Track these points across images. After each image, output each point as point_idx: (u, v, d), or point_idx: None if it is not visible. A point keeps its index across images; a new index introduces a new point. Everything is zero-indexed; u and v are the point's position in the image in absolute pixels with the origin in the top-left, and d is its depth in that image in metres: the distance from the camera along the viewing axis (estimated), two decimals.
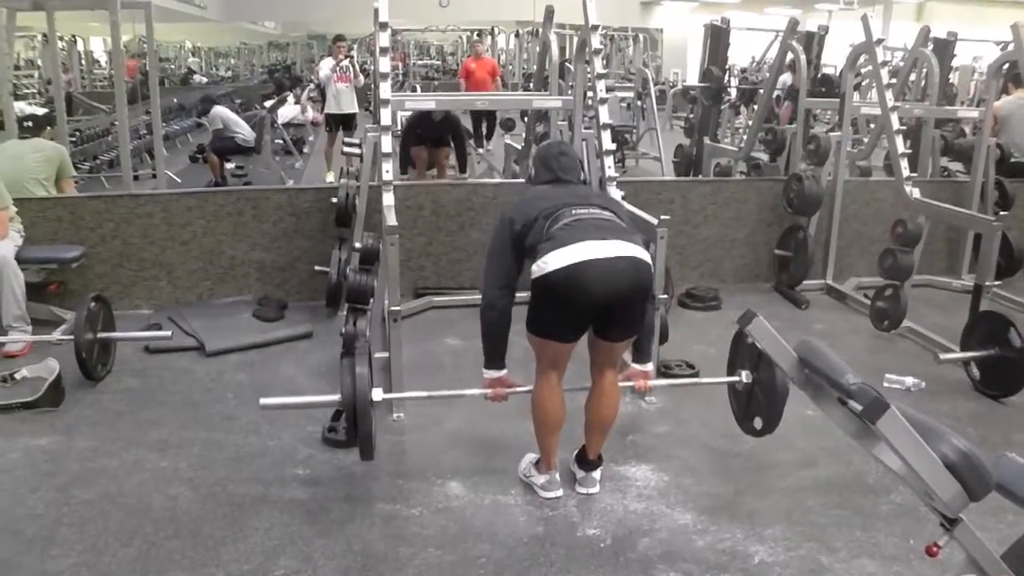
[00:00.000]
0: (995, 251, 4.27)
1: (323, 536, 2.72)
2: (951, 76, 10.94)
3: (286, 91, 12.88)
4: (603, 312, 2.72)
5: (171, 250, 4.91)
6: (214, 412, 3.65)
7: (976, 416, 3.74)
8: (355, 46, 17.67)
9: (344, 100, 9.16)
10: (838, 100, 5.63)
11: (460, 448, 3.34)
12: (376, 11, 4.20)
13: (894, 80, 5.57)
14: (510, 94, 11.78)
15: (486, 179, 7.81)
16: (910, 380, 4.02)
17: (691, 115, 9.45)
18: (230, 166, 9.35)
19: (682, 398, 3.80)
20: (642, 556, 2.65)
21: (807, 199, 5.30)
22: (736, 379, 3.18)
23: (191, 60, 26.37)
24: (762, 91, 7.49)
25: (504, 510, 2.89)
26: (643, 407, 3.73)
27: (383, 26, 4.18)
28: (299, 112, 11.65)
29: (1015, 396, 3.82)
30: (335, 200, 4.78)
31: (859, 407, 1.74)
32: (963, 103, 11.51)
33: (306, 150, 11.25)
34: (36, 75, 16.82)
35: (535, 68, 7.31)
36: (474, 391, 3.03)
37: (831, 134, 5.58)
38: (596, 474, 3.01)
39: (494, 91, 10.89)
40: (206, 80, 22.19)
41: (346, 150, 5.09)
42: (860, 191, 5.80)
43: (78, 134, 9.37)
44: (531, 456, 3.07)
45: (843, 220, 5.57)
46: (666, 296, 3.86)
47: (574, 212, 2.74)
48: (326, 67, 9.34)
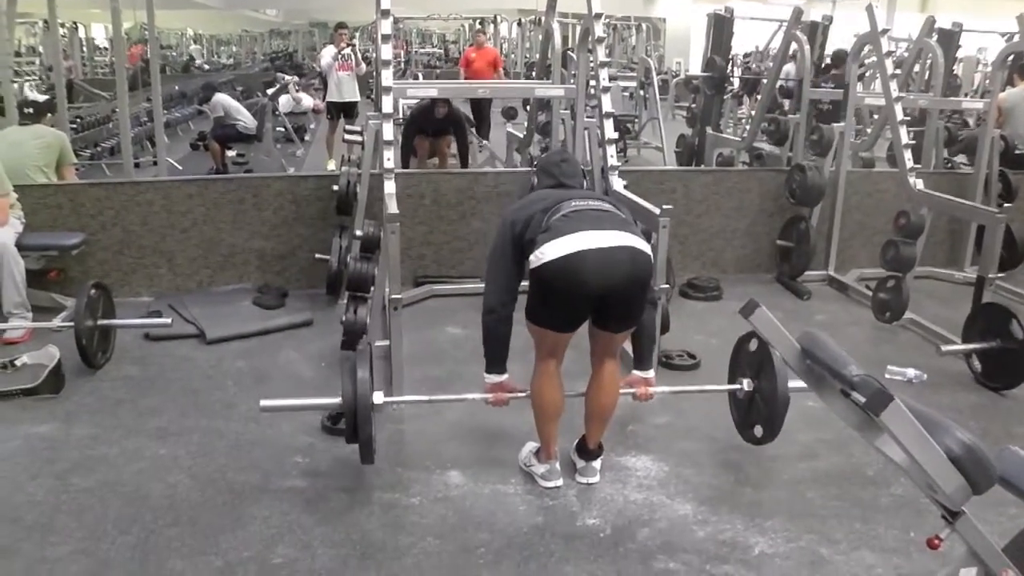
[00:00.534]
0: (998, 243, 4.25)
1: (322, 524, 2.72)
2: (955, 67, 10.89)
3: (285, 79, 12.83)
4: (601, 303, 2.71)
5: (171, 237, 4.89)
6: (214, 400, 3.65)
7: (977, 408, 3.73)
8: (357, 34, 17.62)
9: (346, 88, 9.14)
10: (839, 90, 5.60)
11: (460, 437, 3.33)
12: None
13: (898, 71, 5.53)
14: (512, 82, 11.75)
15: (488, 168, 7.78)
16: (912, 372, 4.01)
17: (693, 105, 9.42)
18: (231, 154, 9.34)
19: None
20: (642, 546, 2.64)
21: (810, 190, 5.28)
22: (737, 387, 3.18)
23: (193, 47, 26.28)
24: (765, 81, 7.45)
25: (504, 499, 2.88)
26: None
27: (385, 13, 4.16)
28: (293, 104, 11.58)
29: (1016, 388, 3.81)
30: (336, 188, 4.77)
31: (863, 399, 1.73)
32: (967, 94, 11.45)
33: (307, 138, 11.22)
34: (37, 62, 16.76)
35: (537, 57, 7.28)
36: (475, 395, 3.04)
37: (834, 125, 5.56)
38: (596, 464, 3.01)
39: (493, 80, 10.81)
40: (208, 68, 22.12)
41: (347, 138, 5.07)
42: (863, 182, 5.78)
43: (79, 121, 9.35)
44: (531, 445, 3.06)
45: (845, 211, 5.55)
46: (668, 286, 3.85)
47: (573, 204, 2.74)
48: (328, 55, 9.32)
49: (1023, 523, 2.03)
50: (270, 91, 11.61)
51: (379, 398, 2.84)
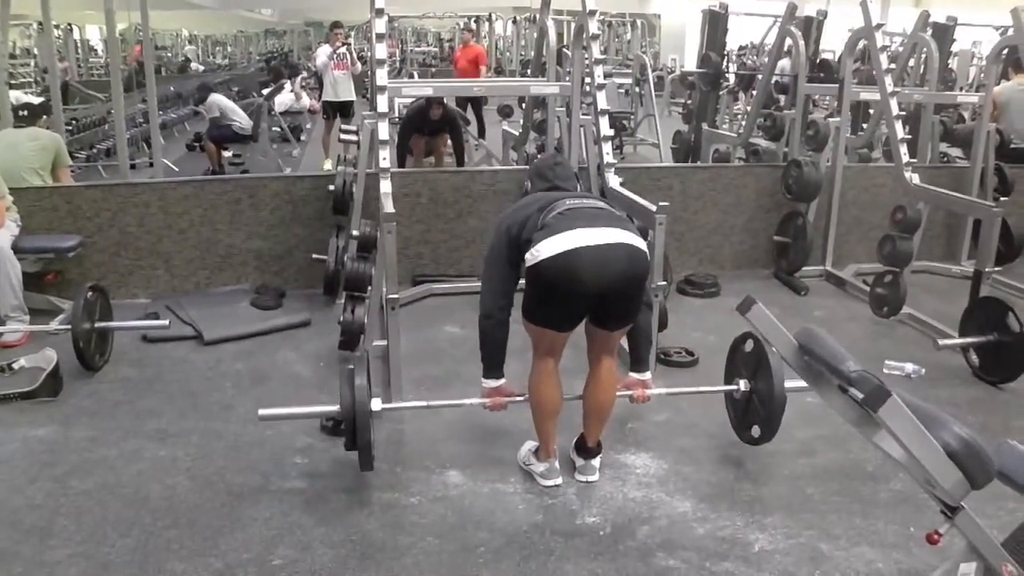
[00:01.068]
0: (995, 237, 4.26)
1: (322, 525, 2.72)
2: (950, 61, 10.89)
3: (283, 79, 12.82)
4: (598, 301, 2.71)
5: (168, 239, 4.89)
6: (212, 401, 3.64)
7: (975, 402, 3.74)
8: (352, 33, 17.59)
9: (341, 88, 9.12)
10: (835, 85, 5.60)
11: (459, 436, 3.33)
12: None
13: (893, 65, 5.53)
14: (507, 80, 11.74)
15: (484, 166, 7.77)
16: (910, 367, 4.01)
17: (689, 101, 9.41)
18: (227, 154, 9.31)
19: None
20: (641, 544, 2.64)
21: (806, 185, 5.28)
22: (734, 388, 3.18)
23: (188, 48, 26.22)
24: (760, 76, 7.45)
25: (503, 498, 2.88)
26: None
27: (379, 12, 4.15)
28: (293, 100, 11.59)
29: (1014, 382, 3.82)
30: (332, 188, 4.76)
31: (860, 395, 1.73)
32: (962, 88, 11.46)
33: (303, 138, 11.21)
34: (32, 64, 16.72)
35: (533, 54, 7.27)
36: (472, 400, 3.03)
37: (830, 120, 5.56)
38: (595, 462, 3.01)
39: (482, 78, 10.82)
40: (203, 68, 22.08)
41: (343, 137, 5.06)
42: (859, 177, 5.78)
43: (74, 123, 9.32)
44: (530, 444, 3.06)
45: (842, 206, 5.56)
46: (665, 283, 3.85)
47: (568, 203, 2.74)
48: (323, 54, 9.29)
49: (1022, 517, 2.03)
50: (266, 91, 11.59)
51: (377, 405, 2.84)
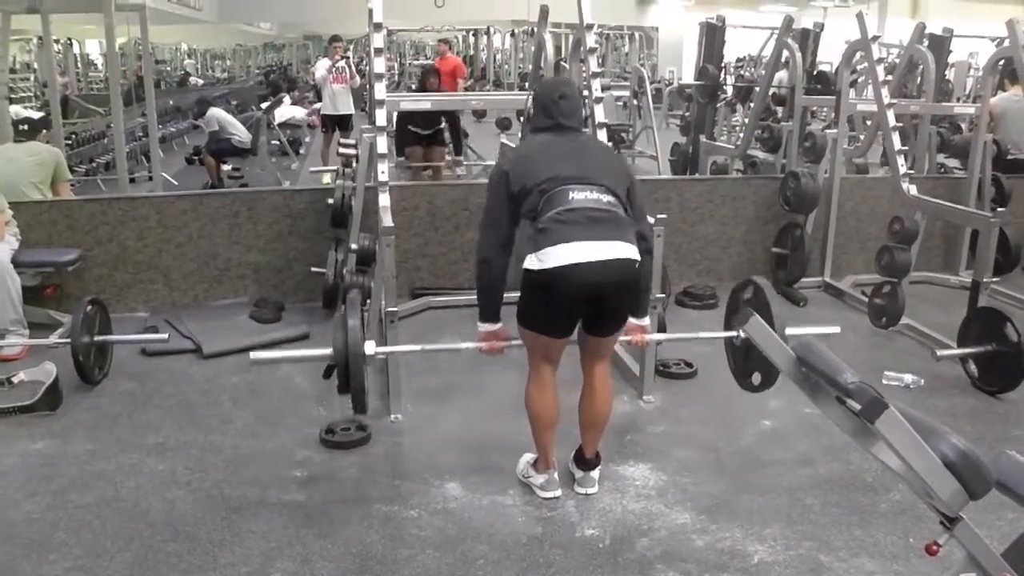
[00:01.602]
0: (993, 247, 4.26)
1: (321, 538, 2.72)
2: (947, 72, 10.92)
3: (282, 92, 12.86)
4: (592, 307, 2.73)
5: (167, 253, 4.89)
6: (211, 415, 3.64)
7: (974, 412, 3.74)
8: (351, 47, 17.65)
9: (340, 101, 9.14)
10: (832, 97, 5.62)
11: (458, 449, 3.33)
12: (370, 11, 4.19)
13: (889, 77, 5.56)
14: (505, 93, 11.79)
15: (482, 179, 7.79)
16: (909, 377, 4.02)
17: (687, 113, 9.44)
18: (226, 168, 9.34)
19: (680, 397, 3.81)
20: (641, 556, 2.64)
21: (804, 197, 5.29)
22: (734, 335, 3.14)
23: (187, 62, 26.31)
24: (758, 89, 7.48)
25: (502, 511, 2.88)
26: (641, 406, 3.73)
27: (377, 27, 4.17)
28: (304, 113, 11.65)
29: (1013, 392, 3.81)
30: (331, 201, 4.78)
31: (857, 406, 1.73)
32: (959, 99, 11.50)
33: (302, 151, 11.23)
34: (32, 78, 16.77)
35: (531, 67, 7.30)
36: (469, 344, 2.98)
37: (827, 131, 5.58)
38: (594, 474, 3.00)
39: (460, 91, 10.91)
40: (202, 82, 22.15)
41: (342, 151, 5.08)
42: (857, 188, 5.80)
43: (74, 137, 9.34)
44: (529, 456, 3.06)
45: (840, 217, 5.57)
46: (664, 295, 3.86)
47: (571, 197, 2.64)
48: (322, 68, 9.32)
49: (1022, 527, 2.03)
50: (264, 104, 11.62)
51: (371, 348, 2.81)
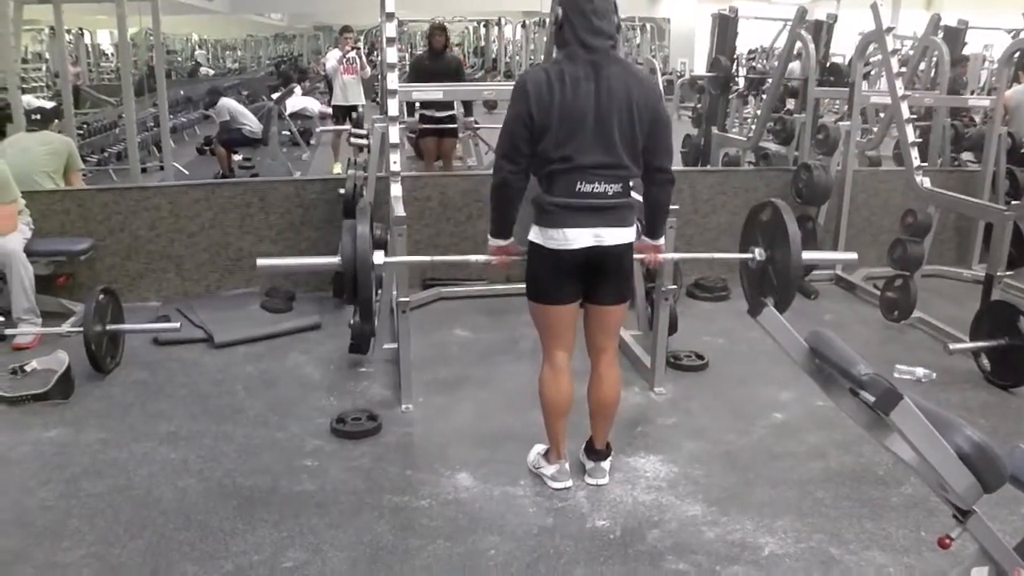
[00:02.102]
0: (1007, 241, 4.24)
1: (332, 528, 2.73)
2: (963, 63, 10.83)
3: (293, 83, 12.85)
4: (593, 271, 2.75)
5: (179, 242, 4.91)
6: (223, 404, 3.65)
7: (986, 407, 3.72)
8: (361, 37, 17.63)
9: (351, 92, 9.15)
10: (845, 89, 5.58)
11: (468, 439, 3.33)
12: (382, 1, 4.17)
13: (904, 69, 5.52)
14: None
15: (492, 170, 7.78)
16: (921, 371, 4.00)
17: (699, 105, 9.39)
18: (237, 158, 9.36)
19: (690, 389, 3.80)
20: (651, 548, 2.64)
21: (816, 189, 5.27)
22: (749, 256, 3.11)
23: (198, 53, 26.34)
24: (771, 80, 7.44)
25: (513, 501, 2.89)
26: (652, 398, 3.72)
27: (389, 16, 4.15)
28: (317, 105, 11.65)
29: None
30: (343, 191, 4.78)
31: (872, 398, 1.72)
32: (973, 92, 11.40)
33: (313, 141, 11.24)
34: (44, 68, 16.81)
35: (543, 57, 7.28)
36: (479, 257, 2.99)
37: (840, 124, 5.55)
38: (605, 464, 3.00)
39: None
40: (213, 72, 22.18)
41: (354, 140, 5.07)
42: (869, 181, 5.76)
43: (85, 127, 9.38)
44: (540, 447, 3.06)
45: (852, 210, 5.54)
46: (676, 286, 3.84)
47: (578, 189, 2.64)
48: (333, 59, 9.33)
49: None
50: (276, 95, 11.62)
51: (379, 258, 2.77)
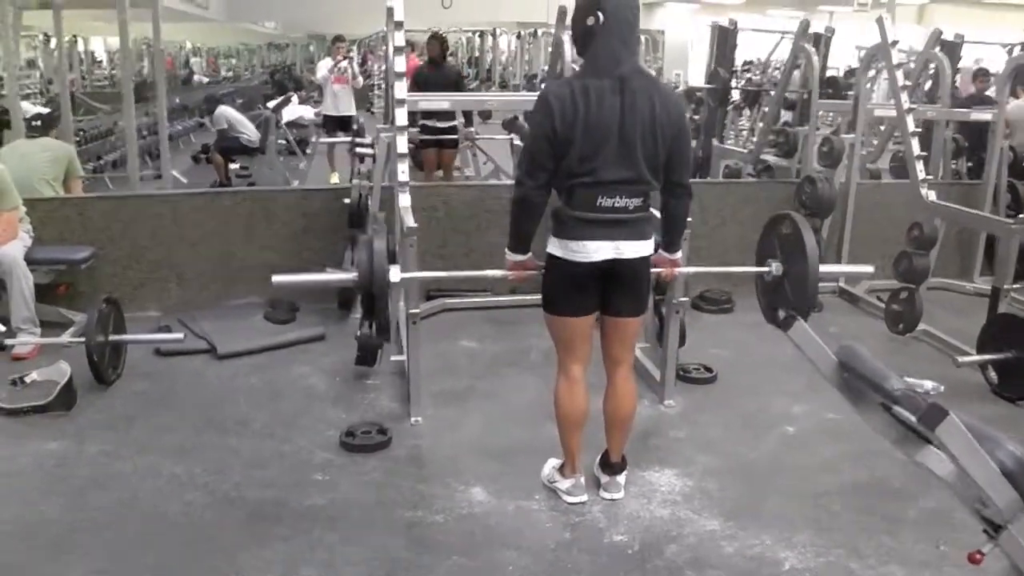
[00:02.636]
0: (1013, 254, 4.24)
1: (345, 543, 2.68)
2: (956, 78, 10.90)
3: (290, 92, 12.82)
4: (609, 282, 2.73)
5: (180, 251, 4.85)
6: (227, 416, 3.60)
7: (994, 420, 3.65)
8: (353, 47, 17.62)
9: (341, 101, 9.04)
10: (844, 101, 5.59)
11: (480, 452, 3.29)
12: (390, 10, 4.17)
13: (908, 82, 5.53)
14: (518, 94, 11.75)
15: (493, 180, 7.76)
16: (929, 384, 3.91)
17: (696, 116, 9.40)
18: (234, 166, 9.31)
19: (700, 402, 3.78)
20: (670, 562, 2.61)
21: (821, 201, 5.26)
22: (765, 270, 3.09)
23: (194, 60, 26.30)
24: (772, 92, 7.44)
25: (529, 516, 2.85)
26: (662, 411, 3.69)
27: (398, 25, 4.14)
28: (313, 114, 11.63)
29: None
30: (347, 201, 4.74)
31: (908, 413, 1.70)
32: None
33: (309, 151, 11.21)
34: (37, 75, 16.73)
35: (546, 68, 7.29)
36: (496, 272, 2.99)
37: (844, 136, 5.55)
38: (620, 479, 2.97)
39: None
40: (207, 80, 22.13)
41: (358, 151, 5.05)
42: (872, 193, 5.77)
43: (81, 134, 9.32)
44: (554, 461, 3.02)
45: (855, 222, 5.53)
46: (686, 299, 3.83)
47: (599, 203, 2.62)
48: (324, 68, 9.24)
49: None
50: (271, 103, 11.58)
51: (396, 275, 2.73)
